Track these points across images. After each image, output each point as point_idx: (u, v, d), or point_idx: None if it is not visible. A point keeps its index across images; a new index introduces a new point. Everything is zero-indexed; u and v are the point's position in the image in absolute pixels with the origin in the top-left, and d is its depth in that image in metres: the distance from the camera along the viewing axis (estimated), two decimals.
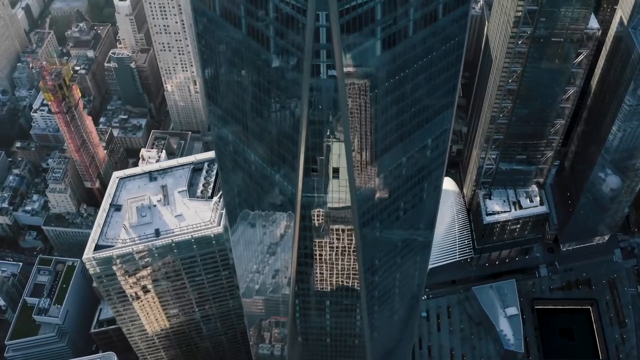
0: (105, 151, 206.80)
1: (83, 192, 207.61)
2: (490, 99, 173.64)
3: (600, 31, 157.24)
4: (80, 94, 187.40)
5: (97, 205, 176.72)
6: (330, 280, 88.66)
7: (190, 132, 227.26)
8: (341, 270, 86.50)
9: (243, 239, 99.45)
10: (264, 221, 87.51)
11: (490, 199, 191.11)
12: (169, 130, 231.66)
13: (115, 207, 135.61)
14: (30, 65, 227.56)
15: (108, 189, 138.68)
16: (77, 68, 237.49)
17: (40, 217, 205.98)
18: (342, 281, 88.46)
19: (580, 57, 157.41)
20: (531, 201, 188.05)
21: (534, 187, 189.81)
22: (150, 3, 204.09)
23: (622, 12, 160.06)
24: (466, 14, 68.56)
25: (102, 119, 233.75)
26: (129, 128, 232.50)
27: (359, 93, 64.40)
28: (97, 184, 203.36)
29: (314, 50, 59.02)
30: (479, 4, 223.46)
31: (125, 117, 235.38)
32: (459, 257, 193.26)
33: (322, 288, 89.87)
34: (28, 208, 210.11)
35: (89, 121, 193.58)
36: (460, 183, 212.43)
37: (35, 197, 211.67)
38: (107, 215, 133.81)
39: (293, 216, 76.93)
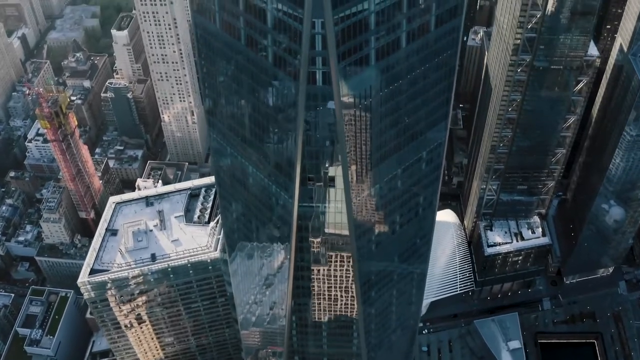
0: (101, 181, 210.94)
1: (77, 223, 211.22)
2: (490, 128, 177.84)
3: (600, 58, 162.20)
4: (76, 122, 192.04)
5: (91, 236, 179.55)
6: (327, 295, 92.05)
7: (187, 163, 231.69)
8: (338, 285, 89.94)
9: (242, 269, 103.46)
10: (262, 251, 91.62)
11: (491, 230, 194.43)
12: (166, 161, 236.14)
13: (111, 232, 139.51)
14: (27, 92, 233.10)
15: (104, 213, 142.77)
16: (73, 98, 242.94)
17: (33, 248, 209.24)
18: (338, 297, 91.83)
19: (580, 85, 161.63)
20: (533, 232, 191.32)
21: (536, 218, 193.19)
22: (148, 32, 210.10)
23: (622, 39, 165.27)
24: (458, 28, 73.40)
25: (97, 150, 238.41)
26: (125, 159, 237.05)
27: (354, 103, 68.84)
28: (92, 215, 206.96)
29: (310, 56, 63.59)
30: (479, 35, 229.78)
31: (122, 148, 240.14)
32: (460, 290, 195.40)
33: (320, 305, 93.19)
34: (21, 239, 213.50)
35: (84, 150, 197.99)
36: (461, 215, 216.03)
37: (28, 227, 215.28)
38: (103, 240, 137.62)
39: (290, 226, 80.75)
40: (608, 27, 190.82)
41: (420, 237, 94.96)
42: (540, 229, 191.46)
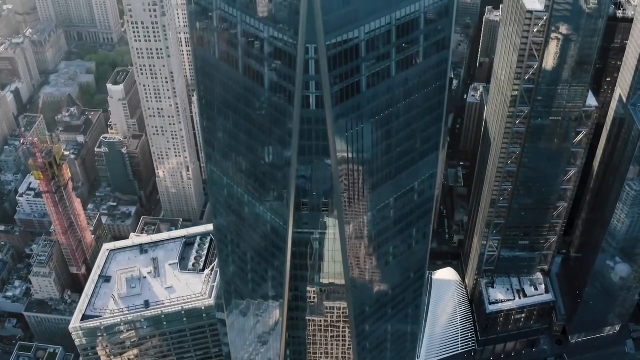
0: (93, 236, 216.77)
1: (68, 278, 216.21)
2: (490, 182, 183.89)
3: (600, 110, 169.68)
4: (70, 174, 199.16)
5: (82, 291, 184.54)
6: (322, 329, 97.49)
7: (181, 219, 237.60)
8: (332, 317, 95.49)
9: (238, 324, 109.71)
10: (258, 309, 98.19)
11: (493, 287, 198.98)
12: (160, 217, 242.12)
13: (104, 279, 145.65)
14: (22, 142, 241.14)
15: (97, 260, 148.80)
16: (66, 153, 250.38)
17: (22, 304, 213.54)
18: (333, 330, 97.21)
19: (580, 137, 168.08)
20: (536, 289, 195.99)
21: (539, 275, 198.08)
22: (144, 86, 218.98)
23: (621, 90, 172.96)
24: (446, 60, 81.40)
25: (90, 206, 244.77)
26: (118, 215, 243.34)
27: (346, 128, 76.06)
28: (83, 270, 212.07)
29: (304, 81, 71.13)
30: (478, 92, 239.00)
31: (115, 204, 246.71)
32: (461, 350, 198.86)
33: (315, 336, 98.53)
34: (9, 294, 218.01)
35: (77, 203, 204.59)
36: (462, 273, 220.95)
37: (17, 283, 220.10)
38: (96, 286, 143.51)
39: (284, 252, 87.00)
40: (608, 79, 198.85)
41: (414, 271, 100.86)
42: (543, 286, 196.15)
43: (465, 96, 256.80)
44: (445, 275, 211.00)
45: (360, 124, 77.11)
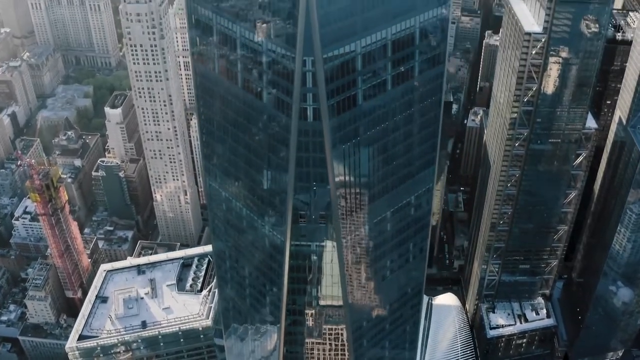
0: (90, 260, 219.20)
1: (64, 302, 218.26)
2: (489, 205, 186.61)
3: (600, 132, 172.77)
4: (66, 197, 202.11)
5: (77, 316, 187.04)
6: (319, 344, 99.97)
7: (178, 244, 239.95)
8: (329, 332, 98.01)
9: (236, 346, 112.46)
10: (256, 325, 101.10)
11: (493, 312, 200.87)
12: (157, 242, 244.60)
13: (101, 299, 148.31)
14: (19, 163, 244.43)
15: (95, 280, 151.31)
16: (63, 176, 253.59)
17: (16, 328, 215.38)
18: (331, 345, 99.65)
19: (580, 159, 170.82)
20: (537, 314, 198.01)
21: (540, 300, 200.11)
22: (143, 109, 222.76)
23: (621, 112, 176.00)
24: (441, 75, 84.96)
25: (86, 230, 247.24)
26: (115, 240, 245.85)
27: (342, 140, 79.28)
28: (79, 294, 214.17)
29: (302, 93, 74.48)
30: (478, 116, 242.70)
31: (111, 228, 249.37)
32: None
33: (312, 351, 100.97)
34: (4, 318, 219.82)
35: (74, 226, 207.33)
36: (463, 299, 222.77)
37: (12, 307, 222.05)
38: (93, 307, 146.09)
39: (282, 265, 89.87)
40: (608, 102, 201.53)
41: (412, 287, 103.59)
42: (544, 310, 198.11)
43: (465, 121, 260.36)
44: (446, 300, 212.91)
45: (356, 137, 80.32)
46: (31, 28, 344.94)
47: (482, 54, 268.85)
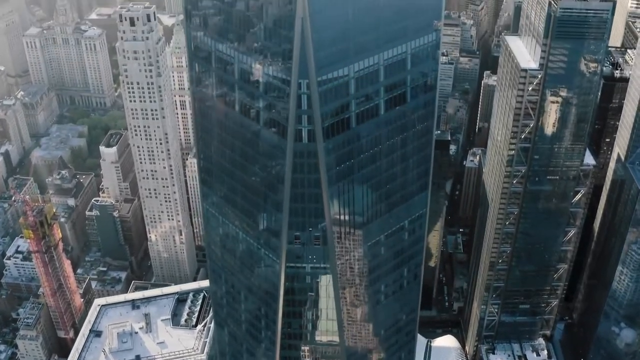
0: (82, 300, 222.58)
1: (55, 342, 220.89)
2: (488, 244, 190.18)
3: (599, 169, 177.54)
4: (60, 234, 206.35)
5: (69, 356, 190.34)
6: None
7: (173, 284, 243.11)
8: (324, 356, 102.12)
9: None
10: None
11: (493, 353, 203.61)
12: (151, 282, 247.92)
13: (95, 333, 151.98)
14: (13, 198, 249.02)
15: (89, 315, 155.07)
16: (57, 214, 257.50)
17: None
18: None
19: (579, 196, 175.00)
20: (538, 355, 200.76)
21: (541, 340, 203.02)
22: (139, 147, 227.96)
23: (619, 149, 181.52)
24: (433, 101, 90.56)
25: (79, 271, 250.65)
26: (108, 280, 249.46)
27: (336, 162, 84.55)
28: (71, 334, 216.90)
29: (297, 115, 79.96)
30: (477, 157, 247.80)
31: (105, 269, 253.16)
32: None
33: None
34: None
35: (67, 265, 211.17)
36: (462, 341, 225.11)
37: (2, 347, 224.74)
38: (87, 341, 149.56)
39: (277, 288, 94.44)
40: (607, 140, 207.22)
41: (407, 314, 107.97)
42: (545, 351, 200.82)
43: (465, 162, 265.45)
44: (445, 342, 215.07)
45: (350, 160, 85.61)
46: (26, 67, 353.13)
47: (481, 94, 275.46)
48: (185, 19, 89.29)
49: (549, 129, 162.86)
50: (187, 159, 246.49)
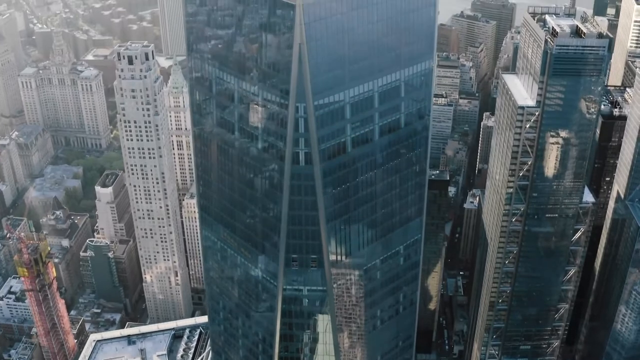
0: (76, 341, 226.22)
1: None
2: (488, 284, 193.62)
3: (600, 208, 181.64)
4: (55, 273, 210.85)
5: None
6: None
7: None
8: None
9: None
10: None
11: None
12: (145, 324, 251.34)
13: None
14: (8, 235, 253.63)
15: (84, 350, 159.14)
16: (52, 253, 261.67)
17: None
18: None
19: (578, 234, 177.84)
20: None
21: None
22: (135, 186, 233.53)
23: (619, 187, 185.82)
24: (427, 128, 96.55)
25: (73, 312, 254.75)
26: (102, 322, 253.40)
27: (332, 185, 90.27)
28: None
29: (294, 138, 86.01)
30: (477, 198, 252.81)
31: (98, 311, 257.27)
32: None
33: None
34: None
35: (61, 304, 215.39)
36: None
37: None
38: None
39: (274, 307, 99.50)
40: (607, 178, 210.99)
41: (403, 340, 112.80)
42: None
43: (465, 204, 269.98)
44: None
45: (345, 183, 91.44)
46: (21, 107, 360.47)
47: (481, 136, 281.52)
48: (187, 48, 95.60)
49: (547, 167, 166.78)
50: (183, 200, 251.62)
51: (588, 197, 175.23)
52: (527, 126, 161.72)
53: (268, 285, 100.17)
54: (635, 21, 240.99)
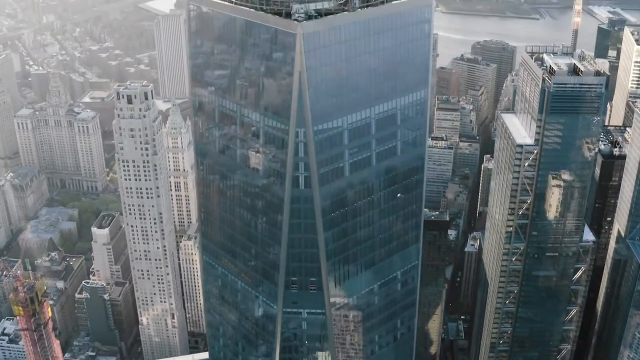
0: None
1: None
2: (488, 324, 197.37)
3: (602, 249, 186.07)
4: (50, 313, 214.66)
5: None
6: None
7: None
8: None
9: None
10: None
11: None
12: None
13: None
14: (4, 273, 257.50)
15: None
16: (48, 292, 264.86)
17: None
18: None
19: (579, 273, 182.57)
20: None
21: None
22: (132, 226, 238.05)
23: (619, 226, 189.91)
24: (422, 156, 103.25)
25: (67, 355, 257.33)
26: None
27: (331, 209, 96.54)
28: None
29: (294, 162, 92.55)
30: (477, 241, 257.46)
31: (93, 354, 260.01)
32: None
33: None
34: None
35: (56, 344, 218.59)
36: None
37: None
38: None
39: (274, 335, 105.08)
40: (608, 218, 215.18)
41: None
42: None
43: (465, 248, 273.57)
44: None
45: (344, 207, 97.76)
46: (16, 149, 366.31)
47: (481, 179, 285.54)
48: (191, 77, 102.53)
49: (547, 205, 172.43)
50: (180, 242, 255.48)
51: (588, 235, 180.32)
52: (526, 164, 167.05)
53: (268, 309, 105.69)
54: (636, 62, 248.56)
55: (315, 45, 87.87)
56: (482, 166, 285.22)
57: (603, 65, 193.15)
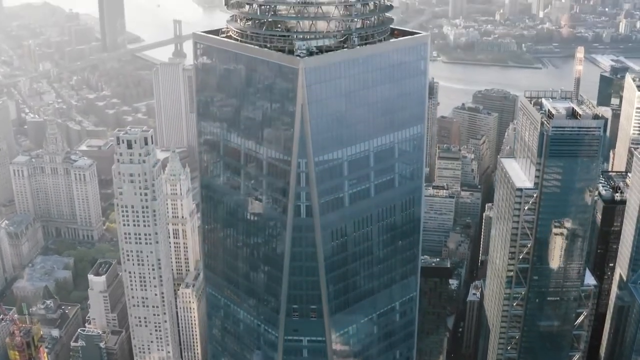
0: None
1: None
2: None
3: (604, 294, 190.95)
4: (46, 357, 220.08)
5: None
6: None
7: None
8: None
9: None
10: None
11: None
12: None
13: None
14: (1, 317, 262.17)
15: None
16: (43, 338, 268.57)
17: None
18: None
19: (581, 318, 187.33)
20: None
21: None
22: (130, 272, 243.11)
23: (621, 270, 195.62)
24: (419, 189, 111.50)
25: None
26: None
27: (331, 237, 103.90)
28: None
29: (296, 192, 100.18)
30: (479, 289, 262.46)
31: None
32: None
33: None
34: None
35: None
36: None
37: None
38: None
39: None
40: (611, 264, 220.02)
41: None
42: None
43: (467, 298, 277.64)
44: None
45: (344, 237, 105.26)
46: (11, 196, 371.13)
47: (483, 228, 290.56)
48: (197, 111, 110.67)
49: (547, 249, 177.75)
50: (178, 289, 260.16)
51: (590, 280, 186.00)
52: (526, 208, 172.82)
53: (269, 337, 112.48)
54: (637, 108, 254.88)
55: (317, 79, 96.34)
56: (484, 215, 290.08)
57: (606, 113, 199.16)
